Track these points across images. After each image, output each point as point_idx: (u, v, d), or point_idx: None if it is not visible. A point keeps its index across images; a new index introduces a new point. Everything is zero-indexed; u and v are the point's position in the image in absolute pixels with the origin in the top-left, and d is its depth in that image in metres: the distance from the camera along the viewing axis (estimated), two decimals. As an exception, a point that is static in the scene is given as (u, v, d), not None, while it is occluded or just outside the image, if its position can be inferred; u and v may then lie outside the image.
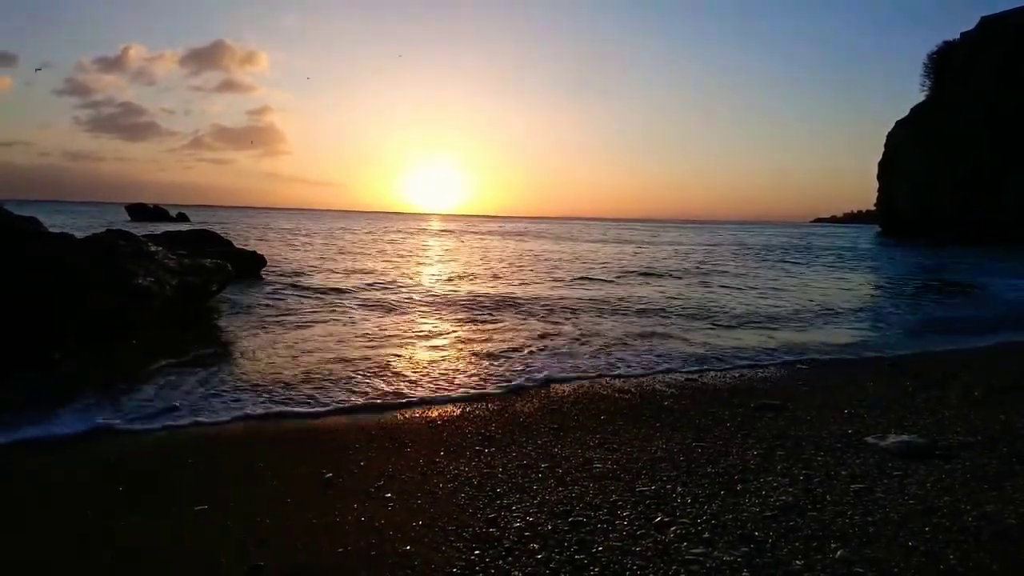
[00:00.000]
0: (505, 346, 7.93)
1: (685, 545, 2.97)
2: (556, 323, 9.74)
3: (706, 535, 3.06)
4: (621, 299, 12.65)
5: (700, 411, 5.34)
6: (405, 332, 8.84)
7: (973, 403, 5.54)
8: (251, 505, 3.48)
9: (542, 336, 8.51)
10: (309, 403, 5.48)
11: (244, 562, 2.85)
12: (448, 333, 8.91)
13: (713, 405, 5.54)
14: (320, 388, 5.89)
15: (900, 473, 3.88)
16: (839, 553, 2.88)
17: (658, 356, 7.54)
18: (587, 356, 7.47)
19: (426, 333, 8.86)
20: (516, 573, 2.75)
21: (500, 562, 2.84)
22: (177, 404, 5.24)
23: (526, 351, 7.65)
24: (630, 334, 8.78)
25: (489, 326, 9.44)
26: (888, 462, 4.08)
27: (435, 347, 7.95)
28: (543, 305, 11.50)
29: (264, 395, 5.61)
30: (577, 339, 8.36)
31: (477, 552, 2.93)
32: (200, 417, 5.02)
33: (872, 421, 5.01)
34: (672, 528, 3.14)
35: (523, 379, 6.40)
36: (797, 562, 2.81)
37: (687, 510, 3.35)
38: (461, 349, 7.84)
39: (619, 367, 7.02)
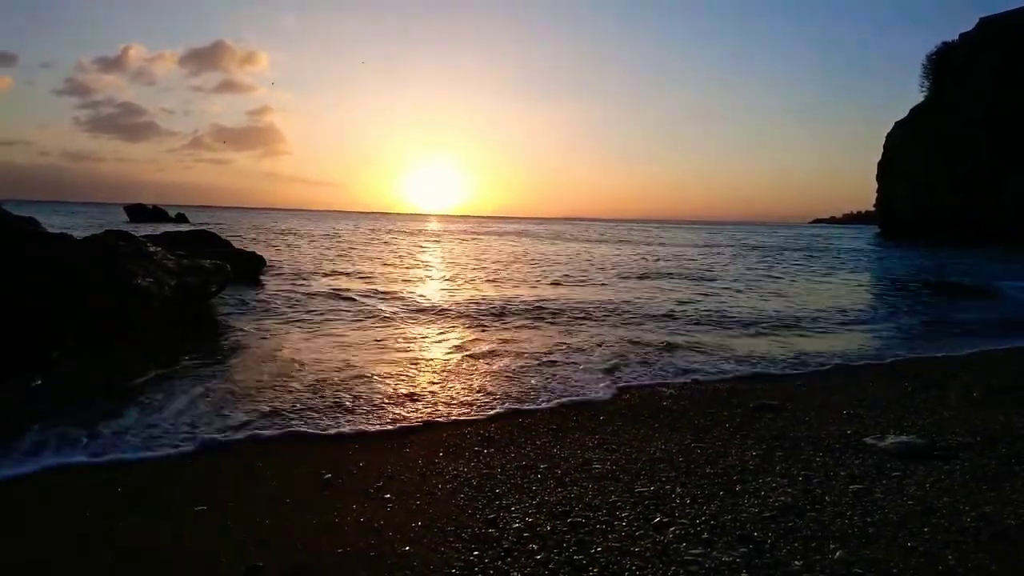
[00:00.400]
0: (518, 357, 7.40)
1: (684, 546, 2.97)
2: (567, 330, 9.23)
3: (705, 536, 3.07)
4: (627, 302, 12.47)
5: (699, 411, 5.34)
6: (411, 340, 8.39)
7: (973, 403, 5.54)
8: (250, 505, 3.48)
9: (555, 347, 7.96)
10: (316, 425, 4.89)
11: (243, 562, 2.85)
12: (457, 342, 8.35)
13: (712, 405, 5.54)
14: (327, 405, 5.34)
15: (899, 474, 3.89)
16: (838, 554, 2.88)
17: (677, 367, 7.13)
18: (607, 370, 6.90)
19: (434, 342, 8.39)
20: (515, 574, 2.75)
21: (499, 563, 2.84)
22: (170, 428, 4.70)
23: (540, 364, 7.05)
24: (643, 341, 8.43)
25: (498, 334, 8.88)
26: (887, 463, 4.09)
27: (445, 359, 7.39)
28: (550, 310, 11.17)
29: (264, 414, 5.06)
30: (592, 350, 7.83)
31: (476, 553, 2.93)
32: (195, 442, 4.47)
33: (871, 421, 5.01)
34: (671, 529, 3.14)
35: (546, 402, 5.71)
36: (796, 563, 2.81)
37: (686, 511, 3.36)
38: (473, 361, 7.24)
39: (640, 380, 6.58)
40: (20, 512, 3.41)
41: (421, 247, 31.66)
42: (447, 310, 11.10)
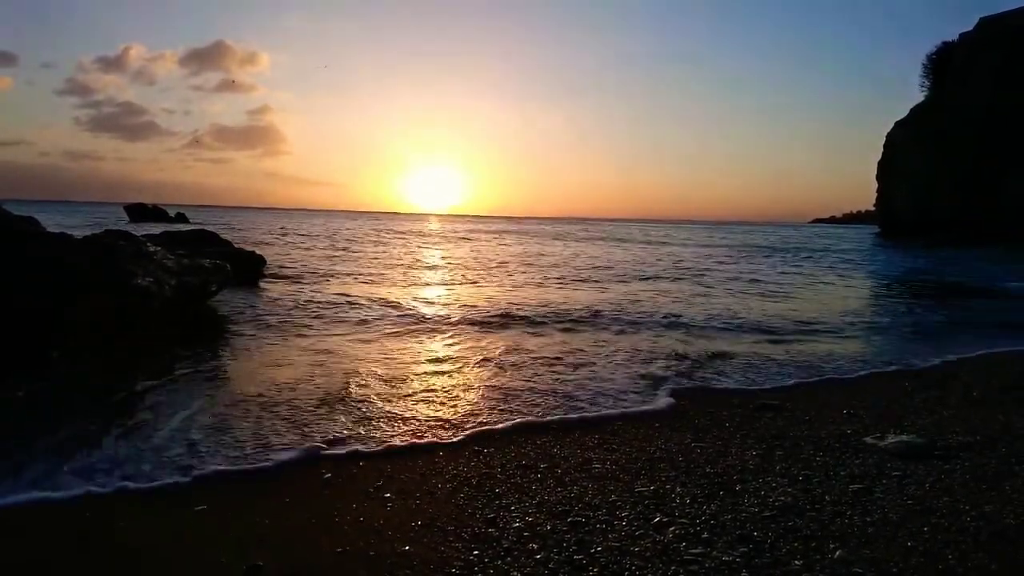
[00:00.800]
0: (531, 366, 6.86)
1: (684, 545, 2.97)
2: (585, 338, 8.72)
3: (705, 535, 3.07)
4: (636, 302, 12.22)
5: (699, 411, 5.34)
6: (417, 348, 7.86)
7: (972, 403, 5.54)
8: (250, 505, 3.48)
9: (567, 362, 7.18)
10: (321, 443, 4.41)
11: (243, 561, 2.84)
12: (465, 349, 7.84)
13: (712, 405, 5.54)
14: (331, 425, 4.77)
15: (899, 473, 3.89)
16: (838, 553, 2.88)
17: (689, 376, 6.71)
18: (640, 385, 6.28)
19: (441, 349, 7.81)
20: (515, 573, 2.75)
21: (499, 562, 2.84)
22: (163, 456, 4.15)
23: (555, 380, 6.36)
24: (664, 352, 7.83)
25: (505, 341, 8.30)
26: (887, 462, 4.09)
27: (454, 368, 6.82)
28: (558, 315, 10.51)
29: (267, 435, 4.55)
30: (610, 362, 7.21)
31: (476, 552, 2.93)
32: (189, 475, 3.90)
33: (871, 421, 5.01)
34: (671, 528, 3.14)
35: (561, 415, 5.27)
36: (796, 562, 2.81)
37: (686, 510, 3.36)
38: (483, 370, 6.72)
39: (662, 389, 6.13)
40: (18, 512, 3.42)
41: (422, 247, 31.63)
42: (453, 314, 10.54)
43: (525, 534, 3.10)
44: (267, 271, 14.86)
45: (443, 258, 24.90)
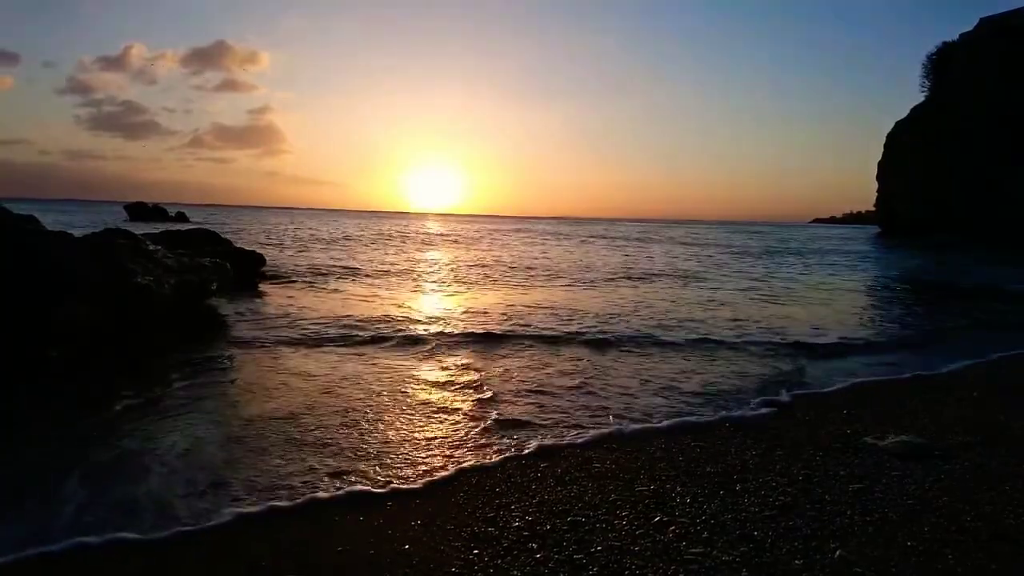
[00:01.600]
0: (549, 396, 5.74)
1: (684, 544, 2.97)
2: (607, 356, 7.61)
3: (705, 535, 3.07)
4: (646, 304, 11.89)
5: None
6: (426, 366, 6.87)
7: (973, 403, 5.54)
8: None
9: (590, 390, 6.02)
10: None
11: (245, 561, 2.85)
12: (482, 365, 6.93)
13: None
14: (342, 466, 3.98)
15: (899, 473, 3.89)
16: (838, 553, 2.88)
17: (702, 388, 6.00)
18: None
19: (453, 363, 6.97)
20: (515, 572, 2.75)
21: (499, 561, 2.84)
22: (151, 503, 3.46)
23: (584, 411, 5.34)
24: (680, 367, 7.00)
25: (525, 357, 7.39)
26: (887, 462, 4.09)
27: (473, 387, 5.99)
28: (569, 323, 9.64)
29: (273, 479, 3.79)
30: (642, 390, 6.07)
31: (476, 551, 2.93)
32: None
33: (871, 421, 5.01)
34: (671, 527, 3.14)
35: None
36: (796, 562, 2.81)
37: (686, 509, 3.36)
38: (503, 391, 5.84)
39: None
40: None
41: (423, 248, 31.52)
42: (459, 322, 9.63)
43: (525, 533, 3.10)
44: (267, 271, 14.81)
45: (444, 260, 24.70)
